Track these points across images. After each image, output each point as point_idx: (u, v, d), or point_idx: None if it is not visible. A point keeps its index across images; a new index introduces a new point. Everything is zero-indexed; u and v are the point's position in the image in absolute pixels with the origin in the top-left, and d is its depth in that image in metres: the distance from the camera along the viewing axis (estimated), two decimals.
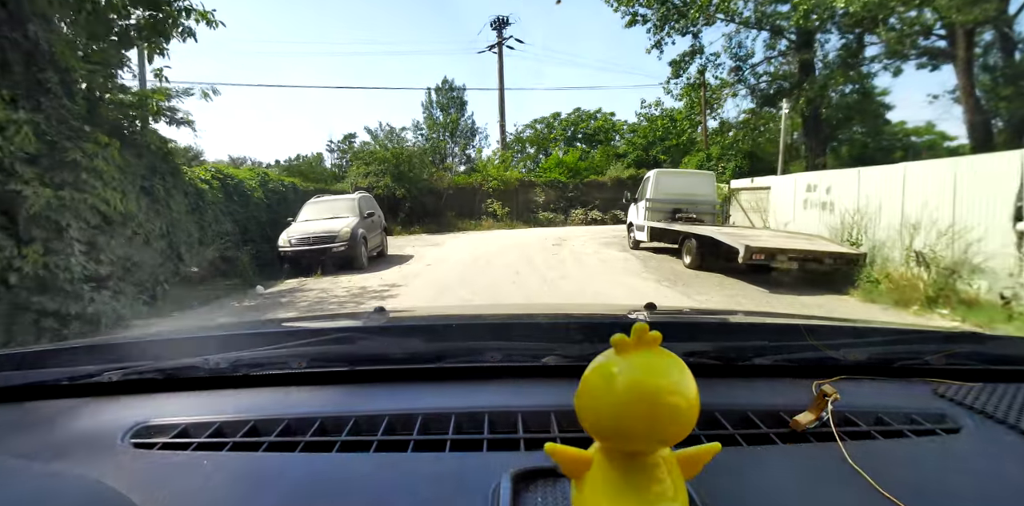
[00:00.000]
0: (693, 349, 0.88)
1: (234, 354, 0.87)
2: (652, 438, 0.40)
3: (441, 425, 0.71)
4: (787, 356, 0.90)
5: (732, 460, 0.60)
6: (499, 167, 24.45)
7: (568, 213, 25.16)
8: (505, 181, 23.74)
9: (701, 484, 0.51)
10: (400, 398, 0.80)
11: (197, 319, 6.71)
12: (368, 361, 0.89)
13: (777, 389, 0.83)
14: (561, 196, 25.66)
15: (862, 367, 0.89)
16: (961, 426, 0.71)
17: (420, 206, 21.91)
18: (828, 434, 0.66)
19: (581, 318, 1.34)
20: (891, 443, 0.68)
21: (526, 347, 0.96)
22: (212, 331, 1.34)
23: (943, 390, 0.82)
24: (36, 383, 0.84)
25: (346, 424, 0.71)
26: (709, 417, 0.72)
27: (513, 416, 0.72)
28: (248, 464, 0.62)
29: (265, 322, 2.10)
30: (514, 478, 0.54)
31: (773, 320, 1.35)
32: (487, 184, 23.83)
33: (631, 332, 0.40)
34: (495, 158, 24.78)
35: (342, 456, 0.64)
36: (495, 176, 23.80)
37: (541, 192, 24.82)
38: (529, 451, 0.64)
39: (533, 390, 0.82)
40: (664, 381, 0.39)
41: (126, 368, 0.84)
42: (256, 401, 0.81)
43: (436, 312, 1.73)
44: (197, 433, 0.70)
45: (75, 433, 0.72)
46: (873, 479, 0.56)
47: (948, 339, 1.02)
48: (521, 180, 24.85)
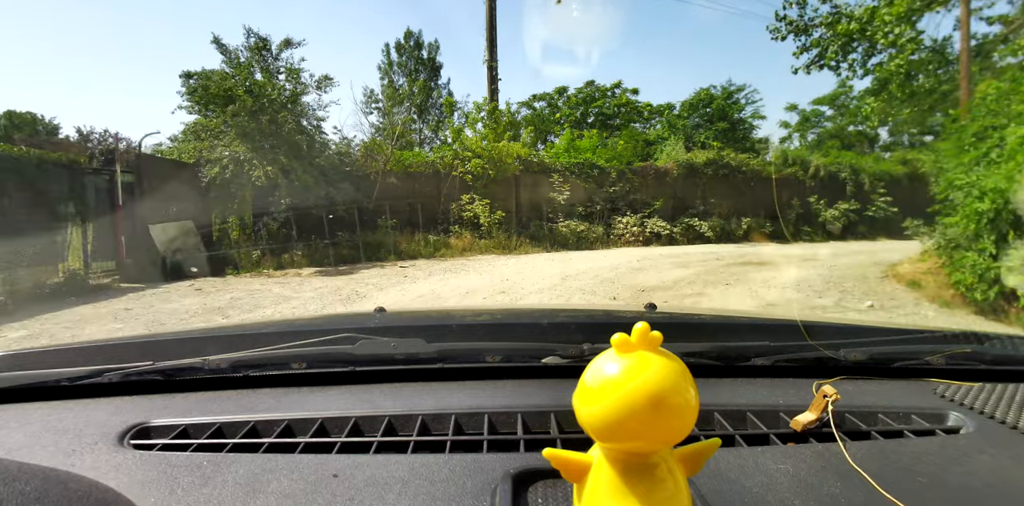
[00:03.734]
0: (693, 349, 0.89)
1: (234, 355, 0.86)
2: (652, 439, 0.39)
3: (441, 426, 0.72)
4: (787, 356, 0.90)
5: (732, 460, 0.61)
6: (484, 135, 13.21)
7: (609, 222, 13.93)
8: (496, 161, 12.49)
9: (702, 485, 0.53)
10: (400, 399, 0.80)
11: None
12: (368, 362, 0.89)
13: (777, 389, 0.83)
14: (597, 192, 14.45)
15: (862, 367, 0.89)
16: (961, 426, 0.71)
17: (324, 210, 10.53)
18: (828, 434, 0.67)
19: (581, 318, 1.34)
20: (891, 443, 0.67)
21: (526, 347, 0.95)
22: (212, 332, 1.29)
23: (943, 390, 0.83)
24: (36, 384, 0.84)
25: (346, 425, 0.71)
26: (709, 417, 0.72)
27: (513, 417, 0.72)
28: (248, 465, 0.61)
29: (265, 323, 1.91)
30: (514, 479, 0.54)
31: (773, 320, 1.32)
32: (462, 166, 12.57)
33: (632, 332, 0.39)
34: (476, 116, 13.67)
35: (342, 457, 0.63)
36: (477, 151, 12.56)
37: (562, 184, 13.58)
38: (529, 452, 0.64)
39: (533, 390, 0.82)
40: (664, 381, 0.38)
41: (126, 369, 0.84)
42: (256, 402, 0.80)
43: (436, 312, 1.65)
44: (197, 434, 0.70)
45: (75, 434, 0.70)
46: (873, 479, 0.57)
47: (948, 339, 1.00)
48: (525, 161, 13.64)
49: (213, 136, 9.85)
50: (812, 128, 29.88)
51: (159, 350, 0.98)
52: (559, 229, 12.88)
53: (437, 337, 0.97)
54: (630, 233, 13.65)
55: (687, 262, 9.74)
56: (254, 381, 0.86)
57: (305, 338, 0.91)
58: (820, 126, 29.68)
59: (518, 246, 11.93)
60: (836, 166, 16.97)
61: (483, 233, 12.07)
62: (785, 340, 0.96)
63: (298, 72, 10.98)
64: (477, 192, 12.41)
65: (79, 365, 0.86)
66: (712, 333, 1.11)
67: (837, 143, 25.99)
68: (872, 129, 28.08)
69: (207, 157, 9.71)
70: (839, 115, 29.25)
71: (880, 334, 1.07)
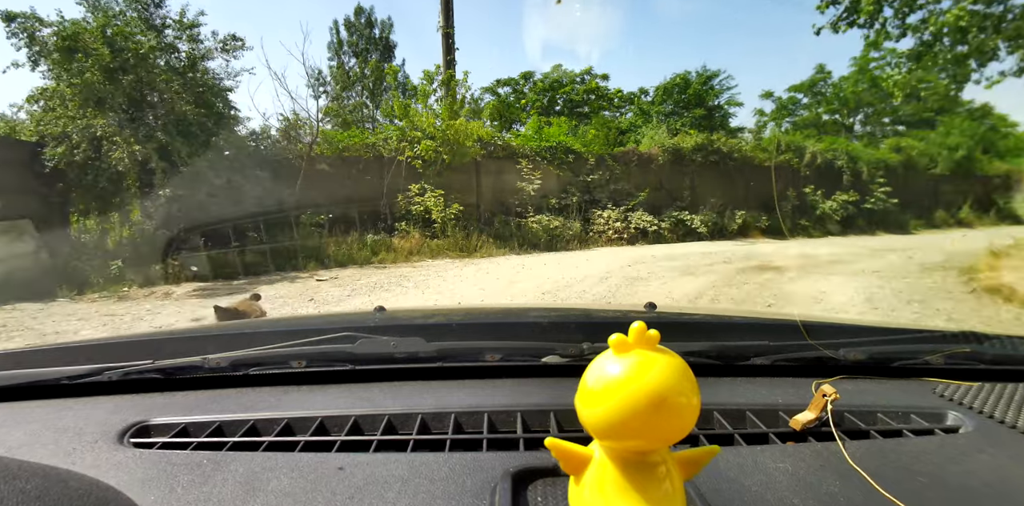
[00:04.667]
0: (692, 348, 0.89)
1: (234, 354, 0.86)
2: (652, 437, 0.39)
3: (441, 424, 0.72)
4: (786, 355, 0.90)
5: (731, 459, 0.60)
6: (437, 113, 10.81)
7: (588, 216, 11.91)
8: (452, 143, 10.20)
9: (700, 484, 0.53)
10: (400, 397, 0.80)
11: None
12: (368, 361, 0.89)
13: (776, 389, 0.83)
14: (573, 182, 12.40)
15: (861, 367, 0.89)
16: (960, 426, 0.71)
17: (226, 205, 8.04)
18: (827, 434, 0.67)
19: (581, 317, 1.34)
20: (890, 443, 0.67)
21: (526, 346, 0.94)
22: (212, 330, 1.31)
23: (942, 390, 0.83)
24: (36, 382, 0.84)
25: (346, 423, 0.71)
26: (708, 416, 0.72)
27: (513, 415, 0.72)
28: (248, 463, 0.61)
29: (265, 321, 1.78)
30: (513, 477, 0.54)
31: (773, 320, 1.31)
32: (410, 149, 10.24)
33: (630, 331, 0.39)
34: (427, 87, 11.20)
35: (342, 455, 0.63)
36: (429, 132, 10.23)
37: (532, 171, 11.42)
38: (528, 450, 0.64)
39: (533, 389, 0.82)
40: (664, 380, 0.38)
41: (126, 367, 0.84)
42: (256, 400, 0.80)
43: (436, 311, 1.66)
44: (197, 432, 0.70)
45: (75, 432, 0.70)
46: (872, 479, 0.57)
47: (947, 339, 0.99)
48: (488, 144, 11.40)
49: (60, 104, 7.23)
50: (788, 116, 28.56)
51: (159, 349, 0.98)
52: (529, 226, 10.70)
53: (437, 336, 0.96)
54: (612, 229, 11.60)
55: (691, 267, 7.73)
56: (254, 380, 0.86)
57: (305, 337, 0.90)
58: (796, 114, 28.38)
59: (479, 247, 9.70)
60: (832, 153, 15.35)
61: (436, 232, 9.77)
62: (784, 339, 0.94)
63: (191, 26, 8.41)
64: (429, 181, 10.10)
65: (79, 364, 0.85)
66: (712, 332, 1.10)
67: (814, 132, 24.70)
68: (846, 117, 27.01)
69: (49, 132, 7.08)
70: (815, 103, 28.02)
71: (879, 334, 1.06)
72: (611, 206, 12.07)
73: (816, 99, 27.91)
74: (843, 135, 25.81)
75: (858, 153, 15.93)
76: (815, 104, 28.01)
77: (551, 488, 0.53)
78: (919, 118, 25.86)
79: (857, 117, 27.49)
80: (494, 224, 10.60)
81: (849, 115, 27.15)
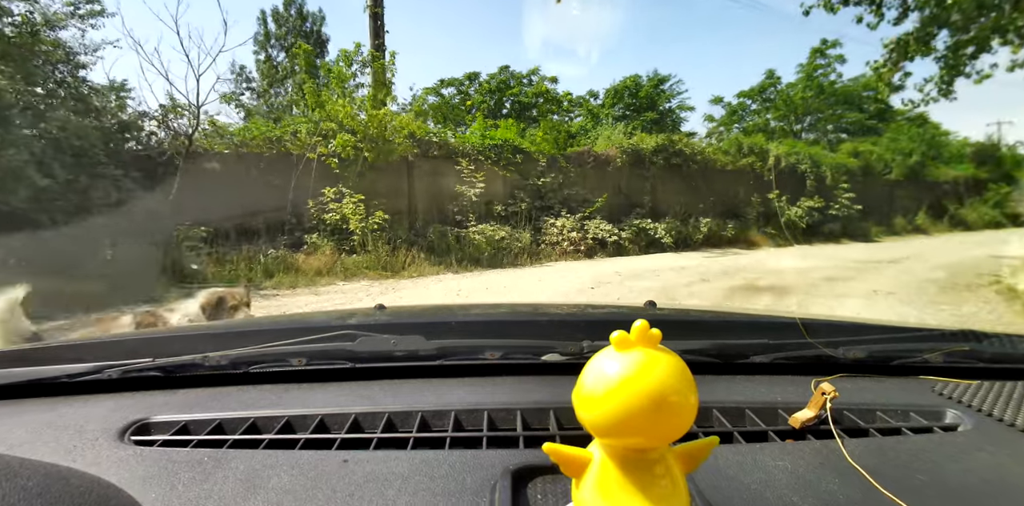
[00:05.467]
0: (692, 347, 0.89)
1: (234, 351, 0.86)
2: (651, 435, 0.40)
3: (441, 422, 0.72)
4: (786, 354, 0.90)
5: (731, 457, 0.61)
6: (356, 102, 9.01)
7: (539, 225, 10.36)
8: (377, 138, 8.43)
9: (700, 481, 0.53)
10: (400, 395, 0.80)
11: None
12: (368, 359, 0.89)
13: (776, 387, 0.83)
14: (522, 186, 10.85)
15: (861, 365, 0.89)
16: (959, 424, 0.71)
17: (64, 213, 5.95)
18: (827, 432, 0.67)
19: (581, 316, 1.34)
20: (889, 441, 0.67)
21: (526, 344, 0.95)
22: (212, 329, 1.32)
23: (941, 388, 0.82)
24: (36, 380, 0.84)
25: (346, 421, 0.71)
26: (708, 414, 0.73)
27: (512, 413, 0.73)
28: (248, 461, 0.61)
29: (265, 320, 1.84)
30: (513, 475, 0.55)
31: (772, 318, 1.30)
32: (323, 145, 8.40)
33: (633, 330, 0.39)
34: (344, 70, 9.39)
35: (342, 453, 0.63)
36: (350, 124, 8.41)
37: (474, 173, 9.79)
38: (528, 448, 0.64)
39: (533, 387, 0.82)
40: (663, 379, 0.38)
41: (126, 365, 0.84)
42: (256, 398, 0.80)
43: (436, 310, 1.69)
44: (197, 430, 0.70)
45: (76, 430, 0.70)
46: (871, 477, 0.57)
47: (946, 337, 1.00)
48: (421, 141, 9.70)
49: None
50: (738, 122, 28.27)
51: (159, 347, 0.97)
52: (470, 237, 9.03)
53: (437, 334, 0.96)
54: (567, 240, 10.10)
55: (667, 289, 6.28)
56: (254, 377, 0.86)
57: (305, 335, 0.90)
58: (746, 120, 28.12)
59: (407, 264, 7.94)
60: (795, 157, 14.52)
61: (354, 246, 7.95)
62: (784, 338, 0.94)
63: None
64: (347, 184, 8.28)
65: (79, 362, 0.85)
66: (711, 331, 1.10)
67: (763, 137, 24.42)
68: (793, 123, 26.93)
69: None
70: (764, 109, 27.85)
71: (879, 332, 1.06)
72: (565, 213, 10.58)
73: (765, 105, 27.76)
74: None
75: (820, 157, 15.20)
76: (764, 110, 27.85)
77: (551, 486, 0.54)
78: (861, 125, 26.05)
79: (804, 123, 27.50)
80: (428, 236, 8.86)
81: (796, 121, 27.08)
